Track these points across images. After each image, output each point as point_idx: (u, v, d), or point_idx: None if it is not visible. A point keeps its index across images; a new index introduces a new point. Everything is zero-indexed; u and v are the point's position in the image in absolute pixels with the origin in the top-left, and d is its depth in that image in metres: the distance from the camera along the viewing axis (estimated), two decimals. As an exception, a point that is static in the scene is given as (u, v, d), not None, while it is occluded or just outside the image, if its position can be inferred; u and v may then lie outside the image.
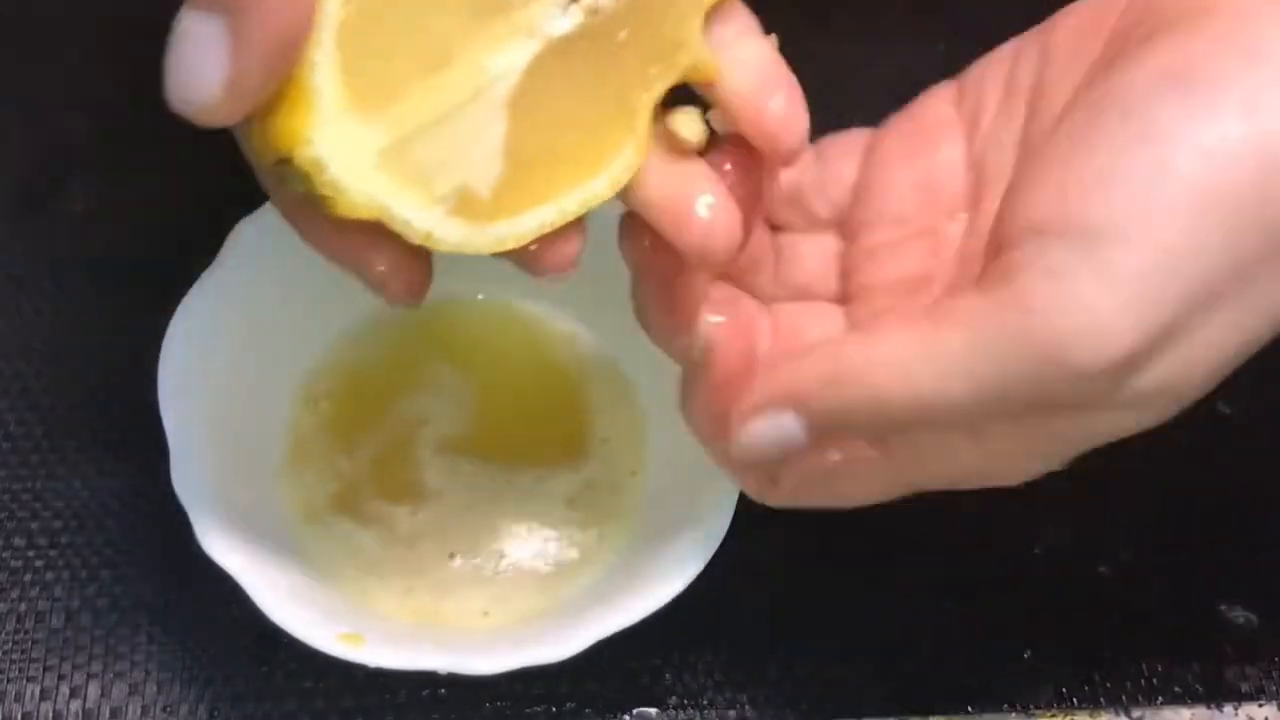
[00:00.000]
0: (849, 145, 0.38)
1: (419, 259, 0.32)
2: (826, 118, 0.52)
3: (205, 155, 0.35)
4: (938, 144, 0.36)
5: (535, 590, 0.41)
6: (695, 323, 0.35)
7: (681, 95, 0.33)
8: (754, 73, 0.33)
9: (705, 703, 0.42)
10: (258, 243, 0.42)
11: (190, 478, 0.38)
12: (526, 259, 0.32)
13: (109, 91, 0.51)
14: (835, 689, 0.42)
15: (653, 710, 0.42)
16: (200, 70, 0.28)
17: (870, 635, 0.43)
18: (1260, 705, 0.42)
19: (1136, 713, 0.42)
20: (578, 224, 0.32)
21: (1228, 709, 0.42)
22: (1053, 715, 0.42)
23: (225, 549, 0.37)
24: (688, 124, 0.33)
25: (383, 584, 0.41)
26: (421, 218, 0.30)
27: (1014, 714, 0.42)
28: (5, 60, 0.52)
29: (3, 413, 0.45)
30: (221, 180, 0.36)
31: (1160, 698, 0.42)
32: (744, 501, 0.39)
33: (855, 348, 0.31)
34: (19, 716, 0.40)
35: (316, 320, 0.44)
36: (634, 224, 0.34)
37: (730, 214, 0.32)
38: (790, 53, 0.34)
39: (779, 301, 0.37)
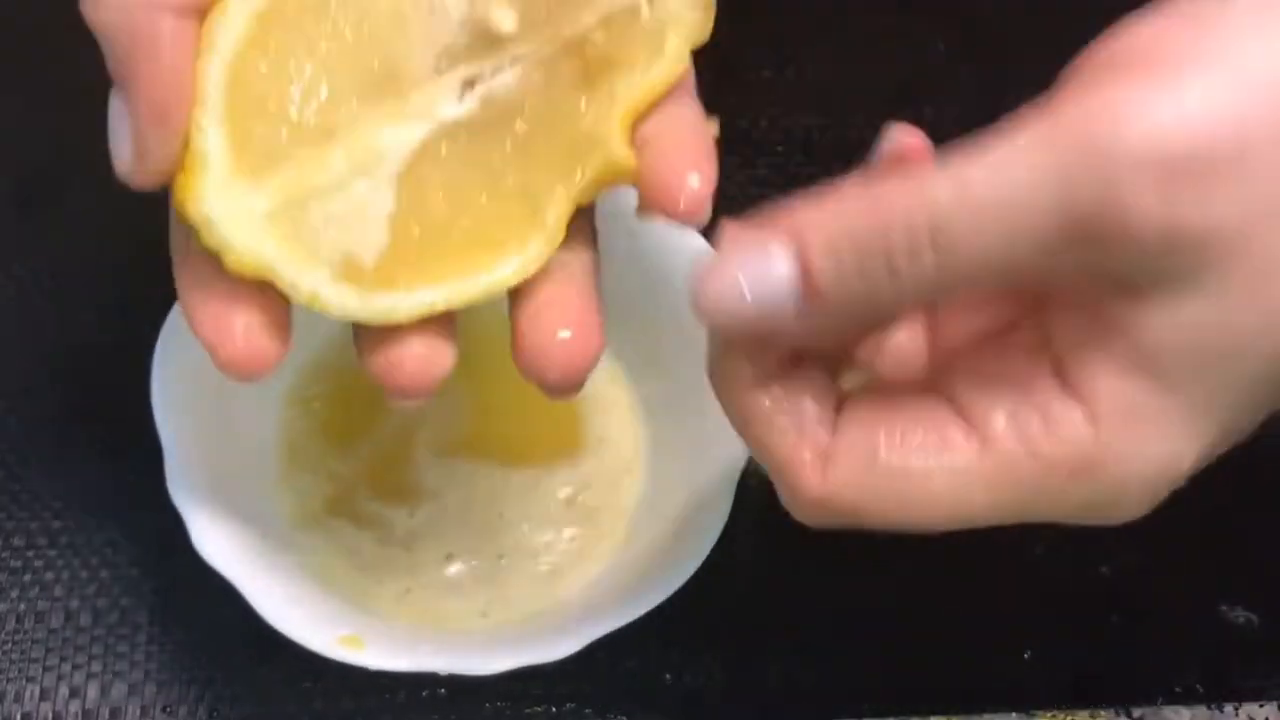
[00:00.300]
0: None
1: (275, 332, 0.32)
2: (827, 119, 0.52)
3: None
4: None
5: (533, 590, 0.41)
6: None
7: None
8: (671, 161, 0.31)
9: (705, 703, 0.42)
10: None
11: (186, 483, 0.38)
12: (383, 368, 0.32)
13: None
14: (835, 689, 0.42)
15: (653, 711, 0.42)
16: (117, 141, 0.32)
17: (870, 635, 0.43)
18: (1261, 705, 0.42)
19: (1137, 713, 0.42)
20: (445, 355, 0.33)
21: (1228, 709, 0.42)
22: (1053, 715, 0.42)
23: (222, 554, 0.37)
24: None
25: (380, 585, 0.41)
26: (306, 279, 0.31)
27: (1014, 714, 0.42)
28: (5, 60, 0.52)
29: (2, 413, 0.45)
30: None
31: (1161, 698, 0.42)
32: (741, 500, 0.39)
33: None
34: (18, 717, 0.41)
35: (310, 321, 0.44)
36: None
37: None
38: (790, 53, 0.34)
39: None
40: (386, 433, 0.44)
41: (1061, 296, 0.29)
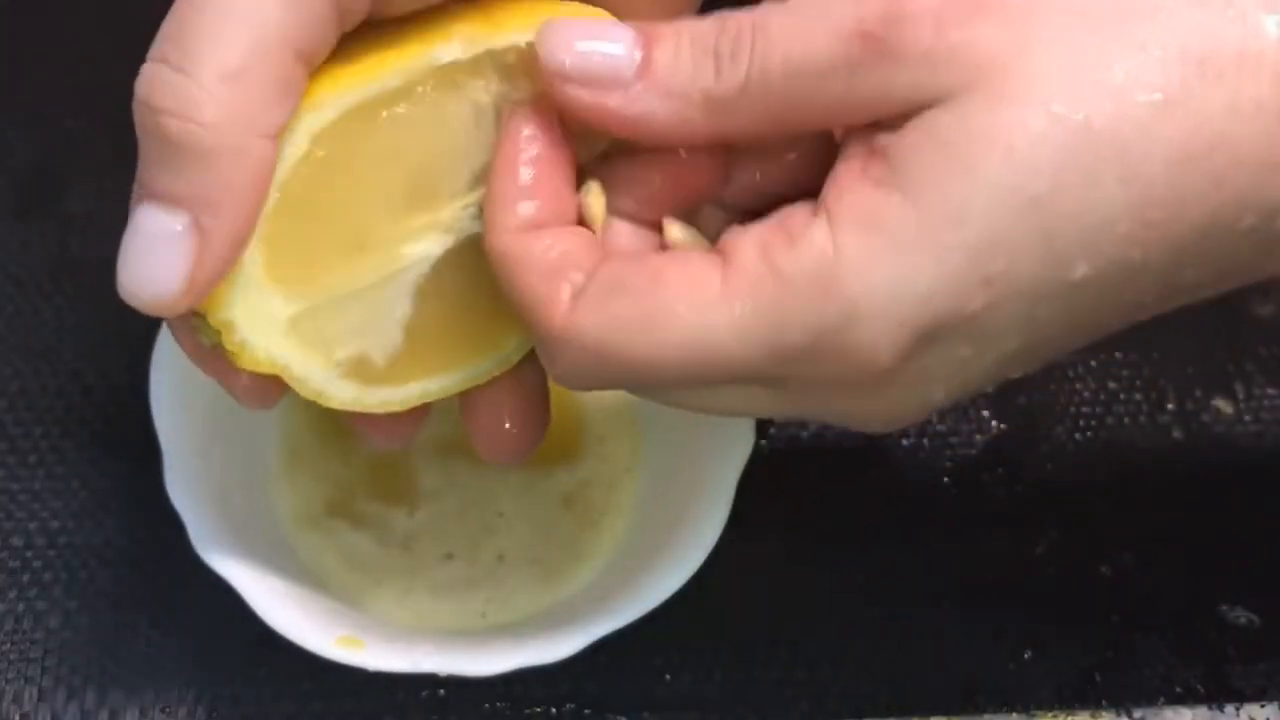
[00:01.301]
0: None
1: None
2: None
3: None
4: None
5: (533, 590, 0.41)
6: None
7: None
8: None
9: (705, 703, 0.42)
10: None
11: (185, 484, 0.38)
12: (365, 423, 0.35)
13: (109, 91, 0.51)
14: (835, 689, 0.42)
15: (652, 710, 0.42)
16: (160, 269, 0.29)
17: (870, 635, 0.43)
18: (1261, 706, 0.42)
19: (1137, 713, 0.42)
20: (425, 408, 0.35)
21: (1229, 709, 0.42)
22: (1053, 715, 0.42)
23: (222, 555, 0.37)
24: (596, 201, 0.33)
25: (380, 586, 0.41)
26: (316, 378, 0.33)
27: (1014, 714, 0.42)
28: (5, 60, 0.52)
29: (1, 413, 0.45)
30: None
31: (1161, 698, 0.42)
32: (742, 499, 0.39)
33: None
34: (17, 717, 0.40)
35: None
36: None
37: None
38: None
39: None
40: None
41: (844, 143, 0.30)
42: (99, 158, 0.50)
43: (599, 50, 0.29)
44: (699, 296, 0.29)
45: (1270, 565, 0.45)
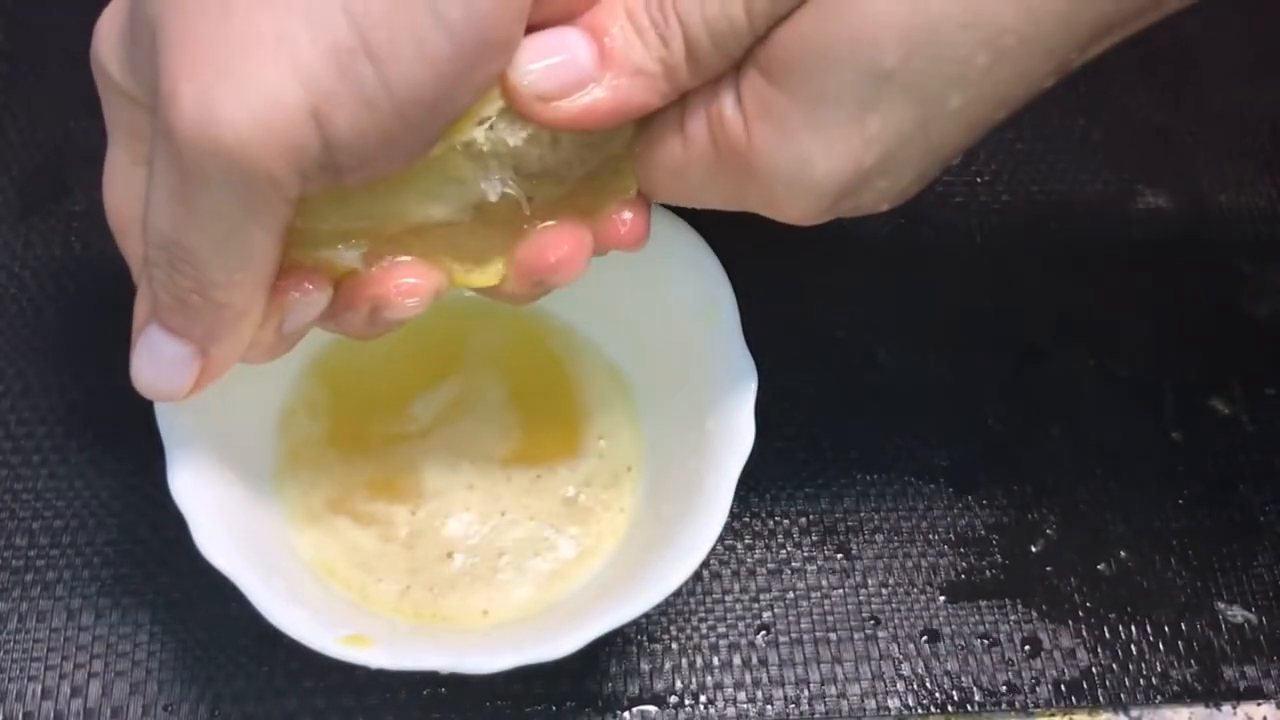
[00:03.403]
0: None
1: None
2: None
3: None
4: None
5: (534, 588, 0.41)
6: None
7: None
8: None
9: (705, 701, 0.42)
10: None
11: (187, 482, 0.38)
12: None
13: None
14: (835, 689, 0.42)
15: (653, 709, 0.42)
16: (168, 379, 0.35)
17: (869, 635, 0.43)
18: (1259, 705, 0.42)
19: (1135, 712, 0.42)
20: None
21: (1226, 708, 0.42)
22: (1052, 715, 0.42)
23: (224, 553, 0.37)
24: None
25: (381, 584, 0.41)
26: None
27: (1014, 714, 0.42)
28: (7, 60, 0.52)
29: (4, 413, 0.45)
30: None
31: (1159, 697, 0.43)
32: (741, 498, 0.39)
33: None
34: (20, 715, 0.41)
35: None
36: None
37: None
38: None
39: None
40: (387, 432, 0.44)
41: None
42: (101, 158, 0.50)
43: (555, 61, 0.32)
44: (676, 162, 0.35)
45: (1267, 565, 0.45)
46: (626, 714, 0.42)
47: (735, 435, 0.39)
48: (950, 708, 0.42)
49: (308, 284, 0.35)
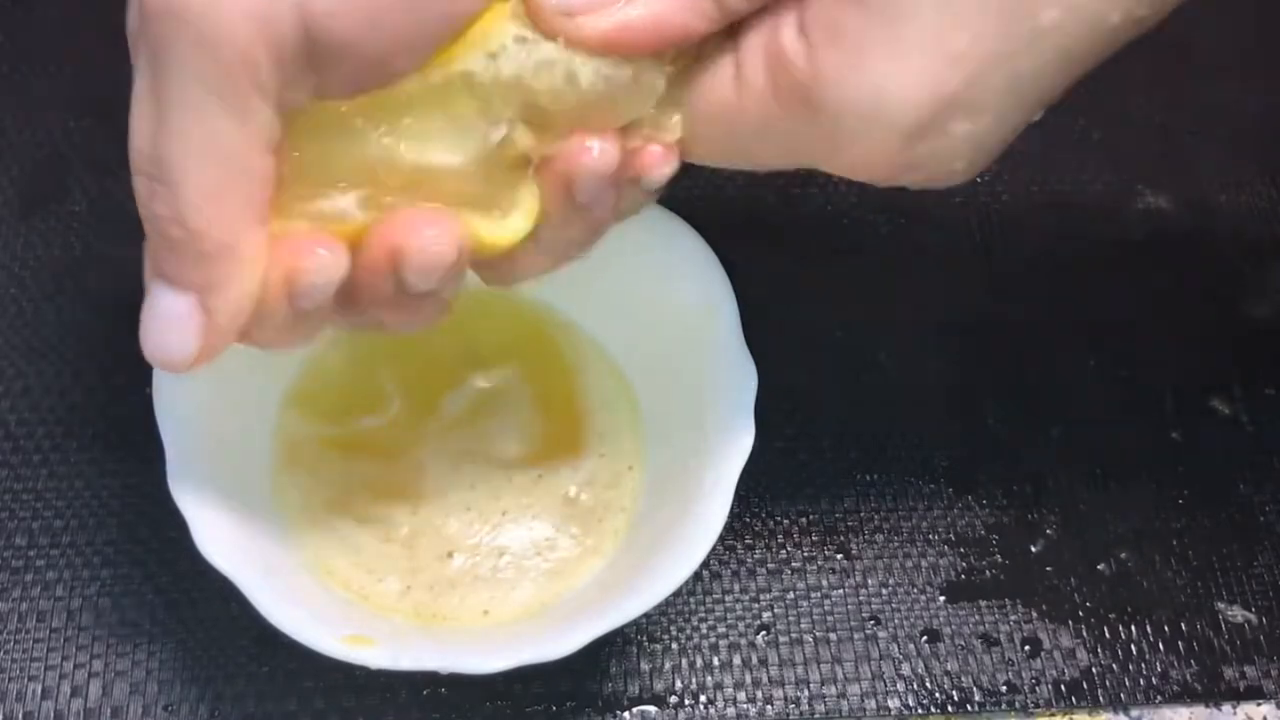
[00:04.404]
0: None
1: None
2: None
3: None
4: None
5: (535, 588, 0.41)
6: None
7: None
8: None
9: (705, 701, 0.42)
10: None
11: (186, 482, 0.38)
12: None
13: (109, 92, 0.51)
14: (835, 689, 0.42)
15: (653, 709, 0.42)
16: (173, 341, 0.32)
17: (869, 635, 0.43)
18: (1259, 705, 0.42)
19: (1135, 712, 0.42)
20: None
21: (1226, 708, 0.42)
22: (1052, 715, 0.42)
23: (223, 553, 0.37)
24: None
25: (382, 584, 0.41)
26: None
27: (1014, 714, 0.42)
28: (7, 60, 0.53)
29: (4, 413, 0.45)
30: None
31: (1159, 697, 0.43)
32: (741, 498, 0.39)
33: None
34: (20, 715, 0.41)
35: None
36: None
37: None
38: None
39: None
40: (388, 431, 0.44)
41: None
42: (101, 158, 0.50)
43: None
44: (729, 109, 0.32)
45: (1267, 565, 0.45)
46: (626, 714, 0.42)
47: (735, 435, 0.40)
48: (950, 708, 0.42)
49: (316, 246, 0.32)
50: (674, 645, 0.43)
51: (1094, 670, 0.43)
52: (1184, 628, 0.44)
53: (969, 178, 0.33)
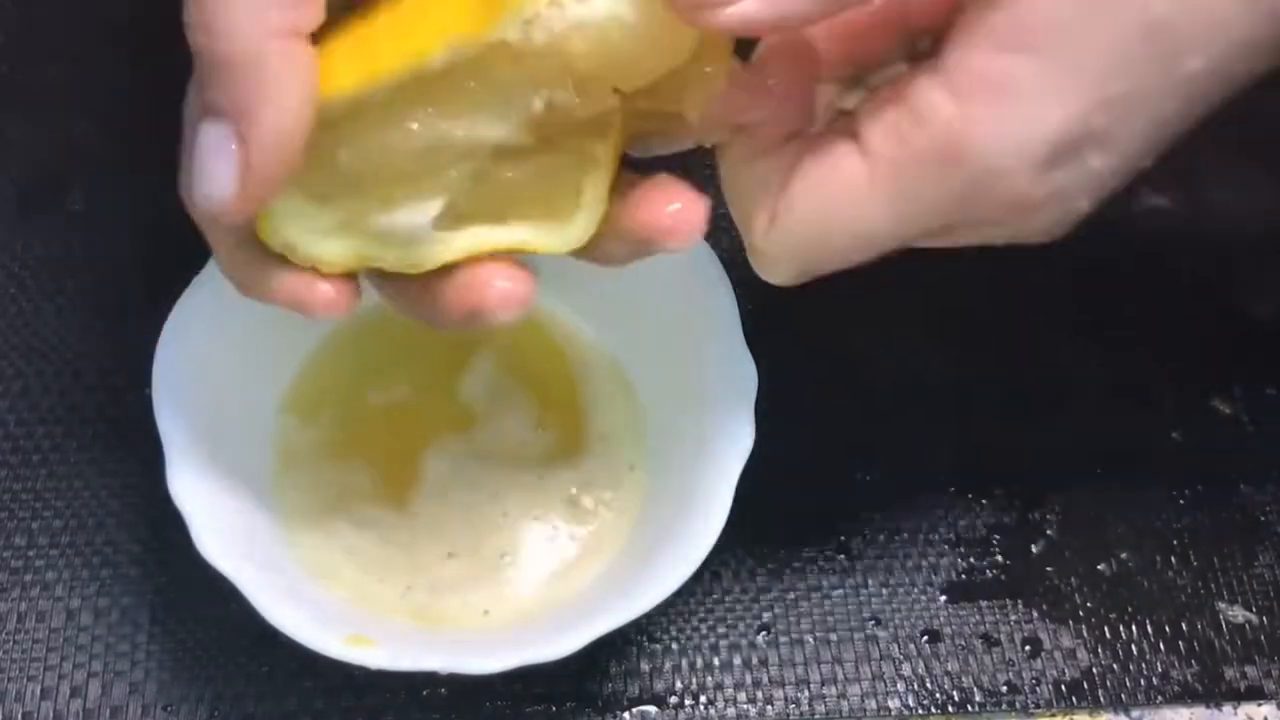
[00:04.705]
0: None
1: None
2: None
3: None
4: None
5: (535, 588, 0.41)
6: None
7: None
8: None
9: (705, 701, 0.42)
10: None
11: (186, 482, 0.38)
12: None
13: (109, 92, 0.51)
14: (835, 689, 0.42)
15: (653, 709, 0.42)
16: (210, 173, 0.31)
17: (870, 635, 0.43)
18: (1259, 705, 0.42)
19: (1136, 712, 0.42)
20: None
21: (1227, 709, 0.42)
22: (1052, 715, 0.42)
23: (223, 553, 0.37)
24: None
25: (381, 584, 0.41)
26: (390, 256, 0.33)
27: (1014, 714, 0.42)
28: (7, 60, 0.52)
29: (3, 413, 0.45)
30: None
31: (1159, 697, 0.43)
32: (742, 498, 0.39)
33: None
34: (19, 715, 0.41)
35: (309, 322, 0.44)
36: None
37: None
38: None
39: None
40: (388, 431, 0.44)
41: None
42: (100, 157, 0.50)
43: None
44: (852, 199, 0.31)
45: (1268, 565, 0.45)
46: (626, 714, 0.42)
47: (735, 435, 0.40)
48: (950, 708, 0.42)
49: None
50: (674, 645, 0.43)
51: (1094, 670, 0.43)
52: (1185, 628, 0.44)
53: (1076, 223, 0.33)
